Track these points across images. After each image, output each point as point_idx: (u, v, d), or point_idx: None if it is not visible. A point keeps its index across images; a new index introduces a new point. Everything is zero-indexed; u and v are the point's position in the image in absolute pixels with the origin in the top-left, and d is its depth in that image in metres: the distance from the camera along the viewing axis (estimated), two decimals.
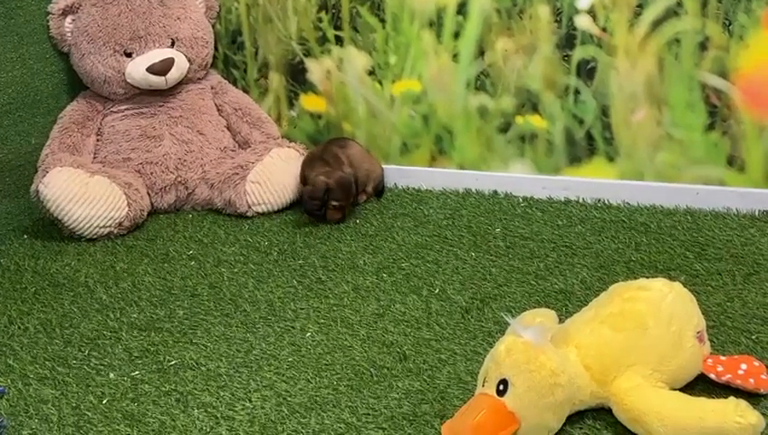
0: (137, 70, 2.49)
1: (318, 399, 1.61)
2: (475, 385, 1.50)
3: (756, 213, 2.18)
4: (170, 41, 2.54)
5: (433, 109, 2.50)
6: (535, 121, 2.39)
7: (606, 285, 1.63)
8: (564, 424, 1.45)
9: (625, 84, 2.27)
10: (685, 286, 1.58)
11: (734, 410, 1.40)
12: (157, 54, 2.50)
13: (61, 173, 2.35)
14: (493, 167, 2.47)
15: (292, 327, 1.85)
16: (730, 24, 2.14)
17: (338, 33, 2.56)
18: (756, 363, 1.53)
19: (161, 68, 2.49)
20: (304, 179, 2.40)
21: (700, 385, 1.51)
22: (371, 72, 2.55)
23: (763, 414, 1.41)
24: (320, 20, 2.58)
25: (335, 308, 1.91)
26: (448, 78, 2.46)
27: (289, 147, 2.52)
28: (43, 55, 2.56)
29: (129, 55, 2.51)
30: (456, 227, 2.27)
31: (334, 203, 2.31)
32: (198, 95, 2.61)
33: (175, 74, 2.52)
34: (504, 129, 2.43)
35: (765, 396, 1.49)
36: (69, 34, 2.56)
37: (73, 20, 2.56)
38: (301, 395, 1.62)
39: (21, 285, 2.16)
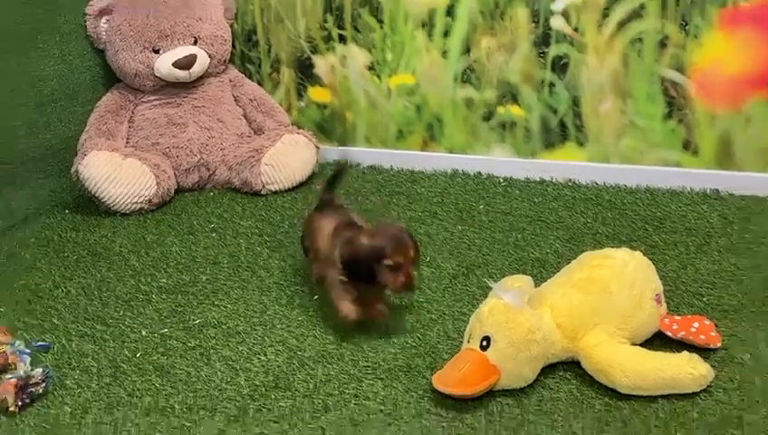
0: (164, 65, 2.48)
1: (324, 353, 1.61)
2: (462, 341, 1.51)
3: (708, 191, 2.18)
4: (193, 39, 2.52)
5: (425, 100, 2.49)
6: (515, 111, 2.39)
7: (576, 254, 1.64)
8: (539, 374, 1.46)
9: (594, 78, 2.26)
10: (644, 255, 1.59)
11: (688, 363, 1.42)
12: (181, 51, 2.49)
13: (98, 156, 2.35)
14: (477, 151, 2.46)
15: (302, 291, 1.86)
16: (686, 25, 2.13)
17: (341, 32, 2.55)
18: (707, 322, 1.54)
19: (185, 63, 2.48)
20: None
21: (658, 341, 1.52)
22: (371, 67, 2.54)
23: (712, 366, 1.42)
24: (325, 21, 2.57)
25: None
26: (438, 72, 2.45)
27: (298, 133, 2.51)
28: (81, 52, 2.55)
29: (156, 52, 2.50)
30: (445, 204, 2.27)
31: (387, 262, 1.55)
32: (218, 87, 2.59)
33: (197, 69, 2.50)
34: (488, 117, 2.42)
35: (715, 350, 1.50)
36: (104, 34, 2.55)
37: (108, 21, 2.54)
38: (309, 350, 1.63)
39: (63, 254, 2.16)
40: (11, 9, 2.35)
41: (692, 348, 1.48)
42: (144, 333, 1.74)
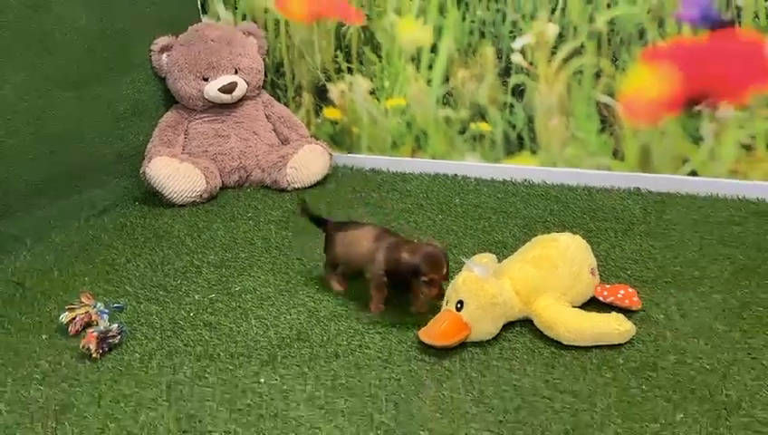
0: (212, 90, 2.47)
1: (335, 313, 1.62)
2: (442, 305, 1.51)
3: (631, 189, 2.17)
4: (234, 70, 2.51)
5: (414, 118, 2.48)
6: (483, 127, 2.38)
7: (530, 238, 1.64)
8: (501, 330, 1.47)
9: (544, 101, 2.26)
10: (583, 238, 1.59)
11: (615, 321, 1.42)
12: (225, 79, 2.47)
13: (160, 160, 2.34)
14: (454, 157, 2.46)
15: (318, 265, 1.84)
16: (617, 60, 2.13)
17: (349, 65, 2.54)
18: (630, 290, 1.55)
19: (228, 88, 2.46)
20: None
21: (592, 305, 1.53)
22: (372, 92, 2.53)
23: (634, 324, 1.43)
24: (336, 56, 2.55)
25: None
26: (424, 96, 2.44)
27: (316, 144, 2.50)
28: (147, 80, 2.54)
29: (206, 80, 2.48)
30: (429, 199, 2.27)
31: (424, 279, 1.49)
32: (254, 108, 2.58)
33: (238, 93, 2.49)
34: (462, 131, 2.42)
35: (636, 312, 1.50)
36: (165, 65, 2.53)
37: (168, 55, 2.53)
38: (324, 310, 1.63)
39: (134, 235, 2.16)
40: (91, 45, 2.34)
41: (619, 310, 1.49)
42: (196, 297, 1.74)
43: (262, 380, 1.39)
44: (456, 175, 2.44)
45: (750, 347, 1.36)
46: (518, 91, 2.29)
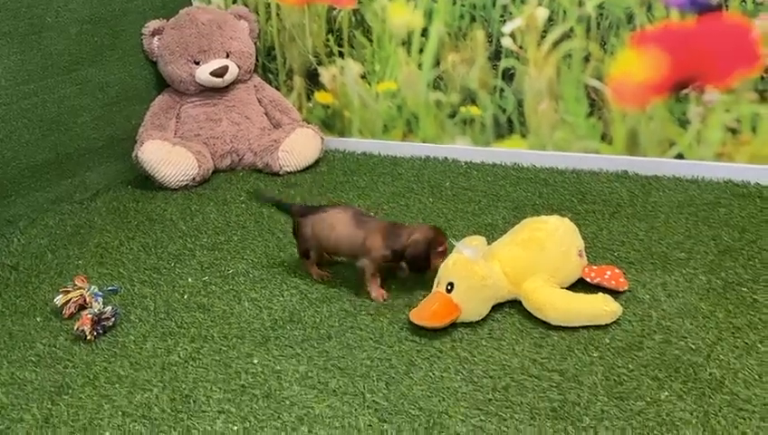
0: (203, 74, 2.45)
1: (328, 295, 1.62)
2: (432, 286, 1.52)
3: (619, 172, 2.18)
4: (225, 53, 2.49)
5: (405, 102, 2.48)
6: (473, 110, 2.38)
7: (519, 220, 1.64)
8: (490, 311, 1.48)
9: (534, 85, 2.25)
10: (571, 221, 1.59)
11: (603, 301, 1.43)
12: (216, 63, 2.45)
13: (152, 144, 2.33)
14: (445, 141, 2.45)
15: None
16: (605, 44, 2.12)
17: (340, 49, 2.52)
18: (617, 271, 1.55)
19: (220, 72, 2.44)
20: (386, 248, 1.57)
21: (580, 286, 1.54)
22: (363, 76, 2.52)
23: (620, 304, 1.44)
24: (327, 40, 2.53)
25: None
26: (415, 80, 2.43)
27: (308, 127, 2.49)
28: (138, 63, 2.51)
29: (197, 63, 2.46)
30: (420, 182, 2.26)
31: (440, 249, 1.56)
32: (245, 91, 2.56)
33: (229, 77, 2.47)
34: (453, 115, 2.41)
35: (623, 292, 1.51)
36: (156, 49, 2.51)
37: (159, 39, 2.50)
38: (316, 293, 1.63)
39: (127, 219, 2.15)
40: (83, 29, 2.31)
41: (606, 290, 1.50)
42: (190, 280, 1.74)
43: (255, 360, 1.39)
44: (446, 158, 2.44)
45: (734, 326, 1.37)
46: (508, 75, 2.29)
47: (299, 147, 2.42)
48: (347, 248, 1.61)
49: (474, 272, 1.45)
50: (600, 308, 1.41)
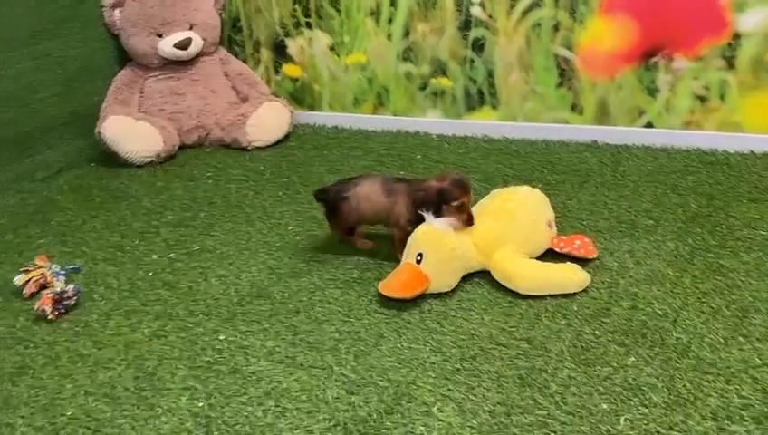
0: (166, 46, 2.39)
1: (296, 270, 1.60)
2: (402, 258, 1.51)
3: (589, 142, 2.18)
4: (189, 25, 2.43)
5: (375, 74, 2.44)
6: (444, 82, 2.35)
7: (489, 191, 1.63)
8: (459, 281, 1.47)
9: (504, 55, 2.24)
10: (541, 191, 1.59)
11: (570, 270, 1.43)
12: (180, 35, 2.39)
13: (115, 120, 2.28)
14: (416, 114, 2.43)
15: (279, 223, 1.83)
16: (574, 13, 2.11)
17: (307, 19, 2.48)
18: (586, 239, 1.56)
19: (183, 45, 2.39)
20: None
21: (549, 256, 1.54)
22: (332, 48, 2.48)
23: (588, 272, 1.44)
24: (294, 10, 2.48)
25: (308, 210, 1.89)
26: (385, 52, 2.40)
27: (276, 101, 2.45)
28: (99, 36, 2.45)
29: (160, 36, 2.40)
30: (391, 156, 2.24)
31: (454, 203, 1.47)
32: (211, 64, 2.51)
33: (193, 49, 2.42)
34: (423, 87, 2.39)
35: (591, 260, 1.52)
36: (118, 22, 2.44)
37: (120, 11, 2.44)
38: (285, 268, 1.61)
39: (90, 197, 2.10)
40: (40, 0, 2.23)
41: (575, 259, 1.50)
42: (155, 257, 1.71)
43: (221, 337, 1.37)
44: (417, 131, 2.42)
45: (700, 292, 1.38)
46: (478, 45, 2.26)
47: (267, 121, 2.38)
48: (384, 217, 1.58)
49: (443, 243, 1.44)
50: (569, 277, 1.41)
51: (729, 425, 1.06)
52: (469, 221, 1.48)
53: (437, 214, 1.47)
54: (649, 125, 2.11)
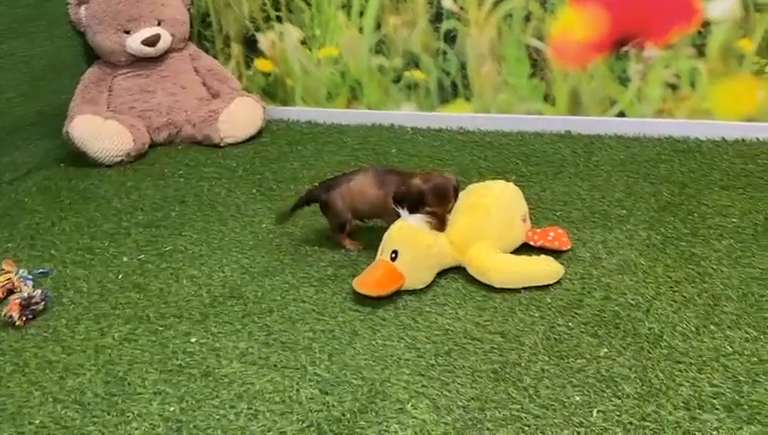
0: (134, 43, 2.35)
1: (270, 268, 1.58)
2: (377, 255, 1.49)
3: (562, 132, 2.18)
4: (157, 21, 2.39)
5: (347, 68, 2.42)
6: (417, 75, 2.34)
7: (465, 185, 1.61)
8: (436, 277, 1.47)
9: (476, 46, 2.23)
10: (515, 183, 1.58)
11: (544, 263, 1.44)
12: (148, 31, 2.35)
13: (83, 119, 2.23)
14: (390, 107, 2.42)
15: (253, 221, 1.81)
16: (545, 3, 2.10)
17: (278, 13, 2.44)
18: (560, 231, 1.55)
19: (151, 41, 2.35)
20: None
21: (523, 249, 1.53)
22: (303, 42, 2.45)
23: (562, 264, 1.44)
24: (264, 4, 2.45)
25: (282, 207, 1.87)
26: (357, 45, 2.38)
27: (248, 96, 2.42)
28: (65, 34, 2.40)
29: (127, 33, 2.36)
30: (365, 150, 2.23)
31: (428, 209, 1.46)
32: (180, 60, 2.47)
33: (161, 46, 2.38)
34: (397, 80, 2.37)
35: (565, 251, 1.52)
36: (83, 19, 2.39)
37: (86, 8, 2.39)
38: (258, 266, 1.60)
39: (59, 198, 2.06)
40: None
41: (549, 251, 1.50)
42: (125, 259, 1.68)
43: (193, 339, 1.35)
44: (392, 125, 2.40)
45: (672, 281, 1.39)
46: (450, 37, 2.25)
47: (239, 117, 2.36)
48: (379, 211, 1.56)
49: (419, 240, 1.43)
50: (542, 269, 1.41)
51: (701, 414, 1.07)
52: (440, 228, 1.46)
53: (412, 213, 1.46)
54: (621, 114, 2.12)
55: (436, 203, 1.45)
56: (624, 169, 1.89)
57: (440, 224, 1.47)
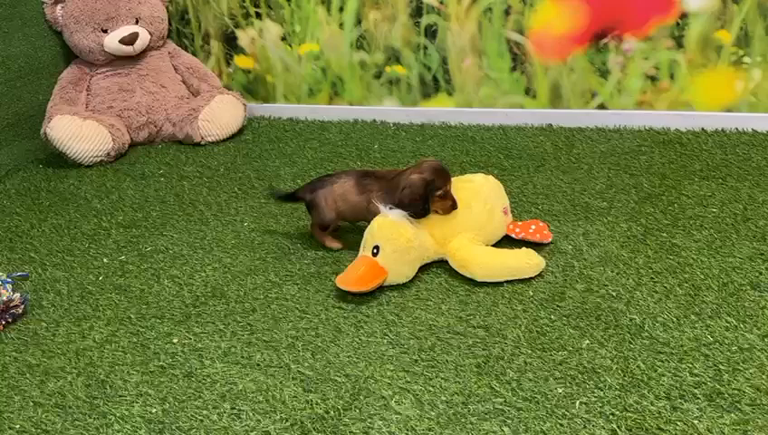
0: (112, 42, 2.32)
1: (252, 267, 1.58)
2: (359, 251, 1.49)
3: (544, 125, 2.19)
4: (135, 19, 2.36)
5: (328, 63, 2.41)
6: (399, 70, 2.34)
7: None
8: (417, 272, 1.46)
9: (457, 41, 2.22)
10: (497, 177, 1.58)
11: (526, 255, 1.44)
12: (125, 30, 2.32)
13: (61, 119, 2.20)
14: (372, 103, 2.41)
15: (235, 220, 1.80)
16: None
17: (257, 10, 2.43)
18: (541, 224, 1.56)
19: (129, 40, 2.32)
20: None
21: (505, 242, 1.54)
22: (283, 38, 2.44)
23: (544, 257, 1.45)
24: (243, 1, 2.43)
25: (264, 205, 1.87)
26: (337, 41, 2.37)
27: (229, 94, 2.40)
28: (42, 34, 2.37)
29: (105, 31, 2.33)
30: (348, 146, 2.22)
31: (438, 193, 1.47)
32: (159, 59, 2.44)
33: (140, 44, 2.35)
34: (378, 75, 2.37)
35: (547, 244, 1.52)
36: (60, 18, 2.36)
37: (62, 7, 2.35)
38: (240, 265, 1.59)
39: (38, 200, 2.04)
40: None
41: (531, 244, 1.50)
42: (105, 260, 1.66)
43: (175, 340, 1.34)
44: (374, 120, 2.39)
45: (653, 271, 1.40)
46: (430, 32, 2.25)
47: (220, 115, 2.34)
48: (361, 215, 1.56)
49: (399, 234, 1.43)
50: (524, 262, 1.42)
51: (682, 403, 1.07)
52: (453, 208, 1.47)
53: (426, 208, 1.45)
54: (602, 107, 2.13)
55: (442, 182, 1.45)
56: (605, 162, 1.90)
57: (453, 203, 1.46)
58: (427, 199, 1.45)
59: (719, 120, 2.01)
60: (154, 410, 1.17)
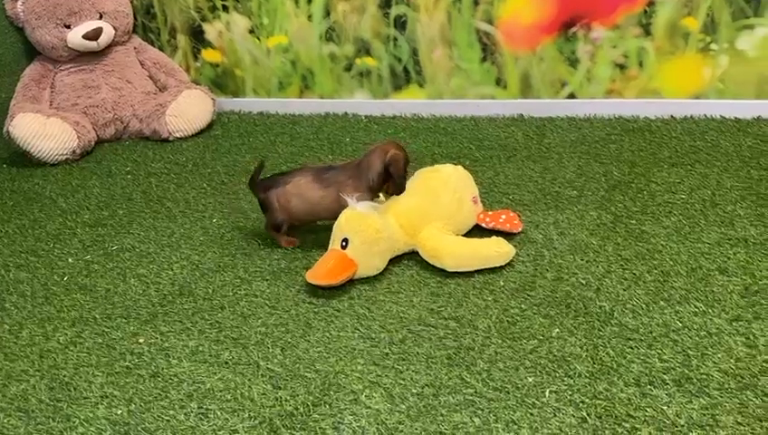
0: (75, 37, 2.27)
1: (221, 264, 1.55)
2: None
3: (515, 116, 2.19)
4: (98, 14, 2.31)
5: (298, 56, 2.39)
6: (369, 62, 2.32)
7: (416, 170, 1.60)
8: (387, 264, 1.45)
9: (426, 32, 2.21)
10: (468, 168, 1.58)
11: (496, 245, 1.43)
12: (89, 25, 2.28)
13: (24, 117, 2.16)
14: (343, 95, 2.39)
15: (203, 216, 1.78)
16: None
17: (224, 2, 2.39)
18: (511, 214, 1.55)
19: (93, 35, 2.28)
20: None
21: (475, 232, 1.53)
22: (251, 31, 2.40)
23: (514, 246, 1.44)
24: None
25: (233, 201, 1.84)
26: (306, 33, 2.34)
27: (197, 89, 2.37)
28: (3, 30, 2.32)
29: (68, 27, 2.28)
30: (319, 139, 2.20)
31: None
32: (124, 54, 2.40)
33: (104, 39, 2.31)
34: (348, 68, 2.35)
35: (517, 234, 1.52)
36: (21, 14, 2.31)
37: (23, 2, 2.30)
38: (209, 262, 1.56)
39: (2, 200, 1.99)
40: None
41: (502, 234, 1.50)
42: (70, 260, 1.63)
43: (141, 340, 1.32)
44: (346, 113, 2.38)
45: (622, 259, 1.41)
46: (400, 23, 2.23)
47: (188, 110, 2.30)
48: (325, 212, 1.52)
49: (367, 225, 1.41)
50: (493, 250, 1.41)
51: (651, 390, 1.08)
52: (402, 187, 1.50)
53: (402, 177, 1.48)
54: (572, 96, 2.13)
55: (407, 155, 1.52)
56: (575, 151, 1.90)
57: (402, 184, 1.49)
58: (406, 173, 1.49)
59: (688, 107, 2.03)
60: (119, 412, 1.14)
